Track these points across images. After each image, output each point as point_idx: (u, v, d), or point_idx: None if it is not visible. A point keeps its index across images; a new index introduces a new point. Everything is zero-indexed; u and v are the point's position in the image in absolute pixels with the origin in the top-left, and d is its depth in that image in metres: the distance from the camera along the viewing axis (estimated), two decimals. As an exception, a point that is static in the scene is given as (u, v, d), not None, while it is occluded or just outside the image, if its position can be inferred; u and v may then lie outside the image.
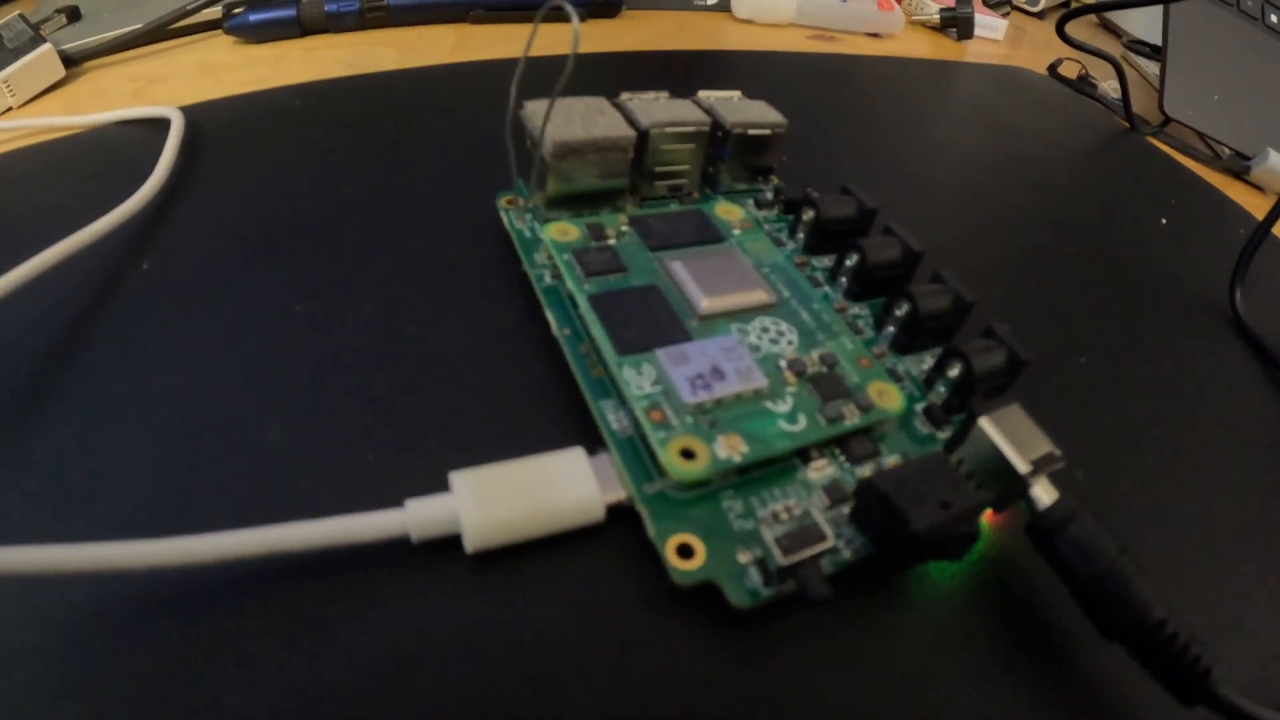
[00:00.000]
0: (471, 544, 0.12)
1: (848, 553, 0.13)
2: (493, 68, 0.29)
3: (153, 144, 0.21)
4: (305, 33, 0.30)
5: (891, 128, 0.30)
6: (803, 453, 0.14)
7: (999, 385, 0.15)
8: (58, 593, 0.11)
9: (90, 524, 0.12)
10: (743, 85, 0.21)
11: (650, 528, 0.13)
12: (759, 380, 0.14)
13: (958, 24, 0.42)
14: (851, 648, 0.13)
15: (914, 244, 0.17)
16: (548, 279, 0.17)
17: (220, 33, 0.30)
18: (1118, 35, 0.48)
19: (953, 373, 0.15)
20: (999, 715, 0.12)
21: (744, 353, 0.15)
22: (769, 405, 0.14)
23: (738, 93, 0.20)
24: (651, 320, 0.15)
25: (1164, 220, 0.28)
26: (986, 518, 0.14)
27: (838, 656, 0.12)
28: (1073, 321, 0.21)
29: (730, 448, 0.13)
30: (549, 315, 0.16)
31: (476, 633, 0.12)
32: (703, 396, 0.14)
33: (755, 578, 0.12)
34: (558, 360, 0.16)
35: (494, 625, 0.12)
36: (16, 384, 0.14)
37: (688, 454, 0.13)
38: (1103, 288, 0.23)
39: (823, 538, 0.12)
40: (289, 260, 0.18)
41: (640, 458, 0.14)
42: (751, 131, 0.19)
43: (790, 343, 0.16)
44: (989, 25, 0.45)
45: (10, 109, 0.24)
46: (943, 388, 0.15)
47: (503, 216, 0.19)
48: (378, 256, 0.18)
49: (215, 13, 0.29)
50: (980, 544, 0.14)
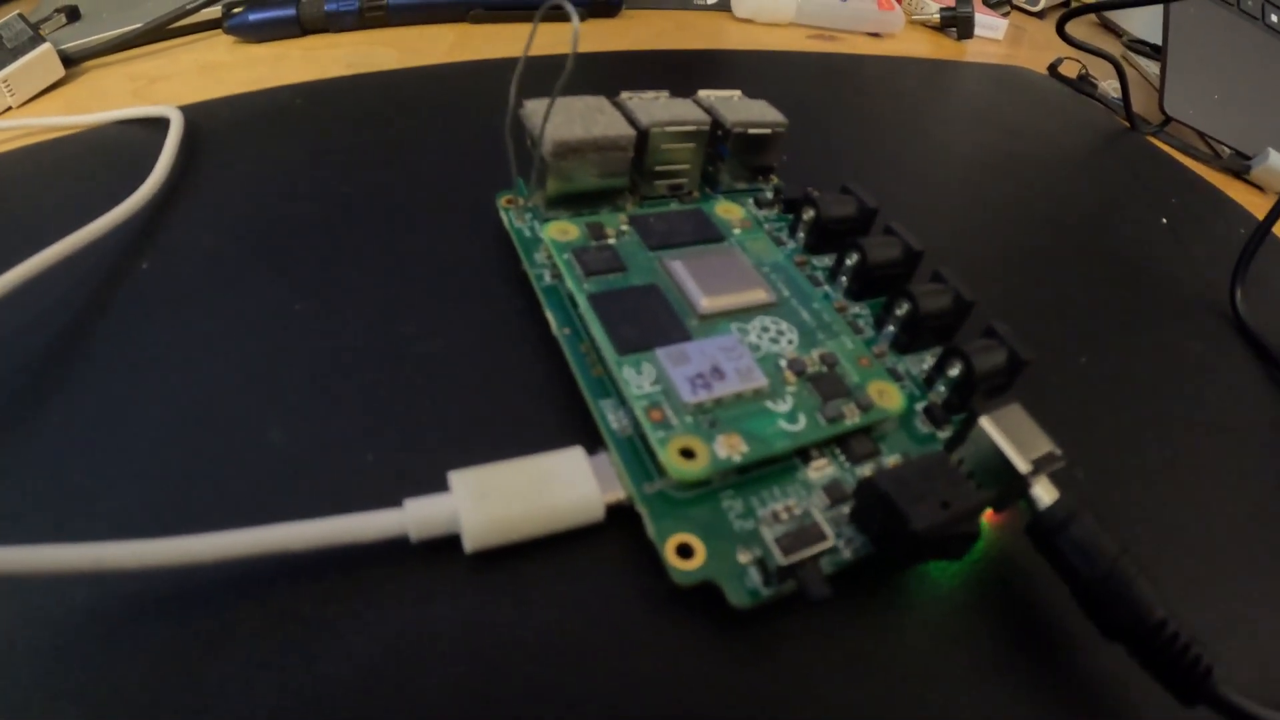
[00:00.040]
0: (470, 544, 0.12)
1: (848, 552, 0.13)
2: (492, 67, 0.29)
3: (152, 143, 0.21)
4: (305, 32, 0.30)
5: (891, 127, 0.30)
6: (803, 452, 0.14)
7: (999, 385, 0.15)
8: (58, 593, 0.11)
9: (90, 524, 0.12)
10: (743, 85, 0.21)
11: (650, 527, 0.13)
12: (759, 380, 0.14)
13: (958, 23, 0.42)
14: (851, 648, 0.13)
15: (914, 243, 0.17)
16: (547, 278, 0.17)
17: (220, 32, 0.30)
18: (1118, 35, 0.48)
19: (953, 372, 0.15)
20: (999, 715, 0.12)
21: (744, 352, 0.15)
22: (769, 405, 0.14)
23: (738, 92, 0.20)
24: (651, 319, 0.15)
25: (1164, 220, 0.28)
26: (987, 517, 0.14)
27: (838, 656, 0.12)
28: (1073, 321, 0.21)
29: (730, 447, 0.13)
30: (549, 315, 0.16)
31: (476, 633, 0.12)
32: (702, 396, 0.14)
33: (755, 577, 0.12)
34: (557, 360, 0.16)
35: (493, 625, 0.12)
36: (16, 384, 0.14)
37: (687, 453, 0.13)
38: (1103, 287, 0.23)
39: (823, 537, 0.12)
40: (289, 260, 0.18)
41: (640, 457, 0.14)
42: (751, 131, 0.19)
43: (790, 342, 0.16)
44: (989, 25, 0.45)
45: (10, 109, 0.24)
46: (943, 387, 0.15)
47: (502, 216, 0.19)
48: (377, 256, 0.18)
49: (215, 12, 0.29)
50: (980, 544, 0.14)
